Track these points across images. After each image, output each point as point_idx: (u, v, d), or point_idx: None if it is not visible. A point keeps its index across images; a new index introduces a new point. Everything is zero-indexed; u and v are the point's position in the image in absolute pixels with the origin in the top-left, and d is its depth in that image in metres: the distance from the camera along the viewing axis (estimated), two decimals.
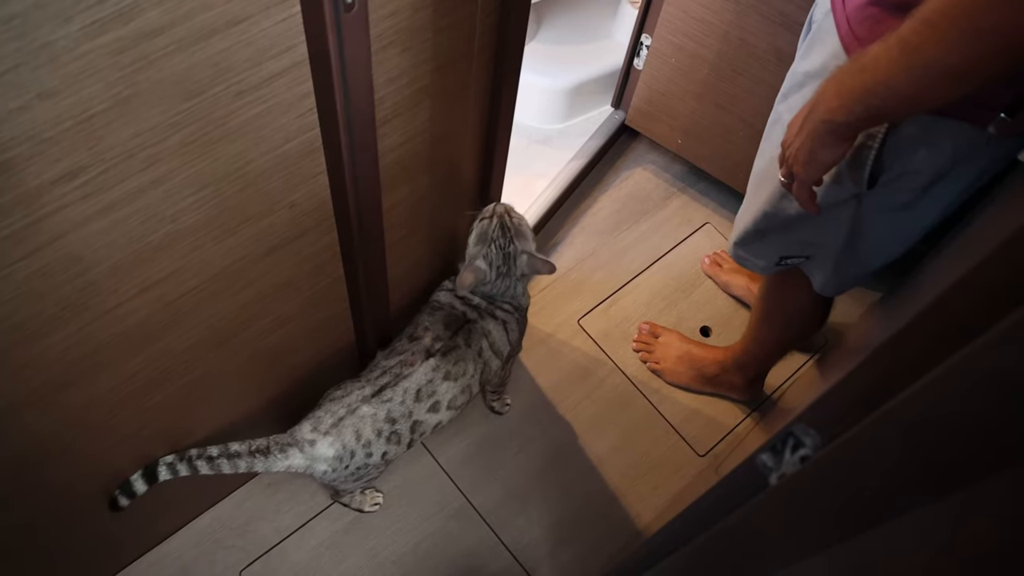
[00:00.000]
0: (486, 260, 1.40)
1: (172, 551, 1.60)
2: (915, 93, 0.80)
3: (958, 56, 0.74)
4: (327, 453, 1.32)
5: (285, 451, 1.31)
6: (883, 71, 0.81)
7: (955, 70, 0.75)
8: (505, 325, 1.48)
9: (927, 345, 0.52)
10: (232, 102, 0.86)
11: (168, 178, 0.88)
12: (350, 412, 1.33)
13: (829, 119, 0.90)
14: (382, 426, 1.34)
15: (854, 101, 0.86)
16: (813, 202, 1.03)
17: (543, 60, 2.10)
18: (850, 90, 0.86)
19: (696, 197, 2.17)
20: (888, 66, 0.81)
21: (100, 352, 1.02)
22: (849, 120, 0.88)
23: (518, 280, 1.45)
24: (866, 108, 0.86)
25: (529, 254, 1.42)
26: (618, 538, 1.71)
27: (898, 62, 0.79)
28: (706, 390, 1.88)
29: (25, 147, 0.72)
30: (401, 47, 0.98)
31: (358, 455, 1.34)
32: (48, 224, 0.81)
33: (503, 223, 1.39)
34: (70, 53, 0.69)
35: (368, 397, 1.33)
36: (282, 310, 1.26)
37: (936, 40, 0.75)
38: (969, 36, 0.72)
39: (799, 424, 0.68)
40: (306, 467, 1.34)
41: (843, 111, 0.88)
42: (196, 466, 1.28)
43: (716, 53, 1.80)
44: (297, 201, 1.07)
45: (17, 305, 0.86)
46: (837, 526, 0.61)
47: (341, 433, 1.32)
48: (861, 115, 0.87)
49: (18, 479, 1.11)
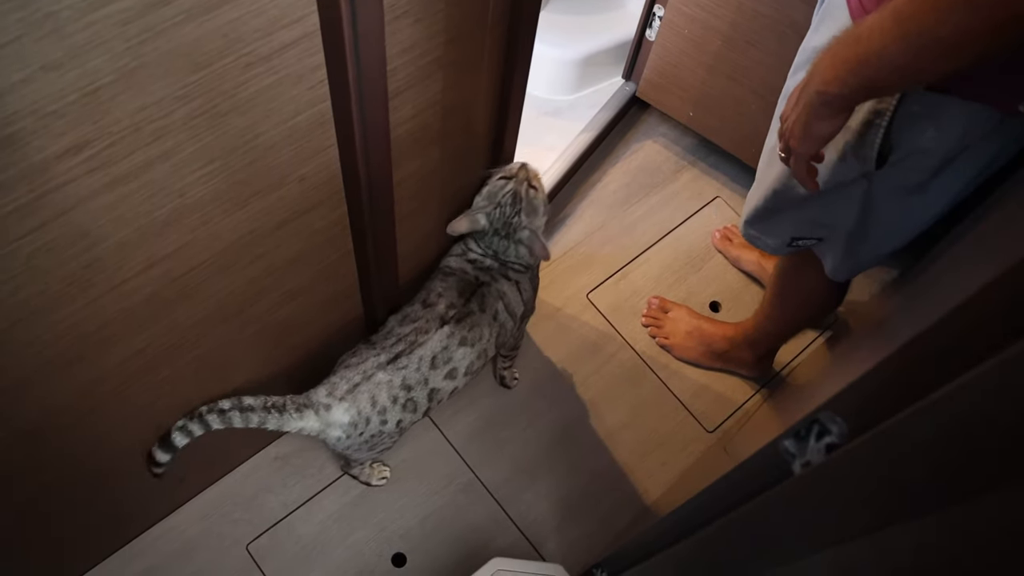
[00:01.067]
0: (488, 218, 1.41)
1: (178, 525, 1.60)
2: (907, 63, 0.79)
3: (949, 27, 0.73)
4: (342, 419, 1.31)
5: (301, 411, 1.30)
6: (877, 41, 0.80)
7: (945, 42, 0.74)
8: (518, 285, 1.48)
9: (965, 340, 0.51)
10: (241, 74, 0.83)
11: (176, 152, 0.86)
12: (365, 379, 1.31)
13: (824, 90, 0.88)
14: (398, 393, 1.33)
15: (848, 72, 0.84)
16: (812, 178, 1.01)
17: (553, 30, 2.06)
18: (844, 61, 0.84)
19: (706, 171, 2.14)
20: (881, 36, 0.79)
21: (108, 327, 1.00)
22: (843, 92, 0.86)
23: (516, 244, 1.45)
24: (860, 79, 0.84)
25: (532, 231, 1.43)
26: (626, 514, 1.71)
27: (891, 32, 0.78)
28: (715, 366, 1.86)
29: (29, 120, 0.70)
30: (414, 17, 0.95)
31: (373, 422, 1.33)
32: (53, 199, 0.79)
33: (517, 193, 1.39)
34: (75, 23, 0.66)
35: (383, 364, 1.32)
36: (291, 284, 1.24)
37: (927, 9, 0.74)
38: (959, 6, 0.71)
39: (825, 411, 0.66)
40: (319, 431, 1.33)
41: (837, 83, 0.86)
42: (207, 421, 1.27)
43: (729, 24, 1.76)
44: (307, 175, 1.05)
45: (23, 281, 0.85)
46: (862, 518, 0.60)
47: (356, 399, 1.31)
48: (855, 87, 0.85)
49: (29, 454, 1.10)
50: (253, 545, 1.60)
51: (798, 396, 1.39)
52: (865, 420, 0.60)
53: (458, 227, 1.42)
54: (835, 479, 0.61)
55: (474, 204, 1.44)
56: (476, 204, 1.43)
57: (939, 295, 0.73)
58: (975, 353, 0.48)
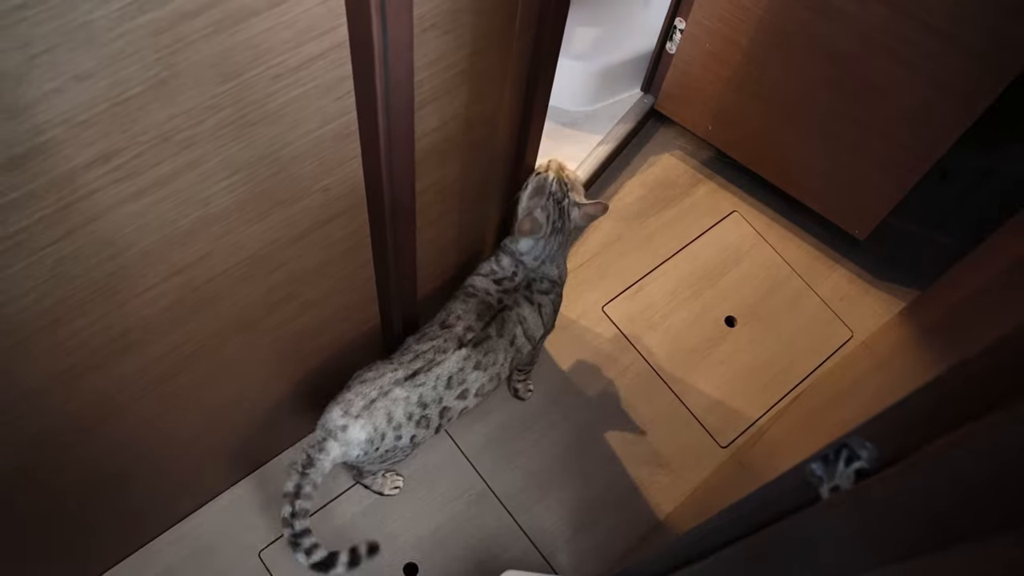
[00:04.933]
0: (544, 211, 1.41)
1: (191, 530, 1.60)
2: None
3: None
4: (359, 436, 1.30)
5: (323, 447, 1.29)
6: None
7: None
8: (540, 308, 1.47)
9: (1003, 372, 0.50)
10: (270, 85, 0.83)
11: (202, 161, 0.86)
12: (382, 394, 1.31)
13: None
14: (413, 409, 1.33)
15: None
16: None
17: (574, 42, 2.06)
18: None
19: (724, 184, 2.13)
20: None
21: (130, 334, 1.00)
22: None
23: (567, 239, 1.46)
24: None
25: (580, 206, 1.44)
26: (637, 528, 1.70)
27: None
28: None
29: (59, 130, 0.70)
30: (442, 30, 0.95)
31: (388, 437, 1.33)
32: (80, 208, 0.79)
33: (560, 178, 1.42)
34: (108, 33, 0.66)
35: (401, 380, 1.32)
36: (309, 294, 1.24)
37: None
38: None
39: (855, 436, 0.65)
40: (343, 454, 1.32)
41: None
42: (295, 525, 1.29)
43: (750, 39, 1.76)
44: (330, 185, 1.05)
45: (48, 289, 0.85)
46: (891, 547, 0.59)
47: (373, 415, 1.30)
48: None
49: (49, 456, 1.10)
50: (266, 552, 1.60)
51: (812, 417, 1.38)
52: (897, 447, 0.60)
53: (524, 228, 1.40)
54: (865, 506, 0.60)
55: (522, 208, 1.43)
56: (526, 205, 1.43)
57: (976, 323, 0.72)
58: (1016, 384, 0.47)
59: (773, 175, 1.99)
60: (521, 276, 1.45)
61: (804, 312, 1.99)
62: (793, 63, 1.72)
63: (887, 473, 0.55)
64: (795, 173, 1.93)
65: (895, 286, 2.03)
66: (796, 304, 2.00)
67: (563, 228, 1.44)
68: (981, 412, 0.49)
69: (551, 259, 1.46)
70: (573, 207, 1.43)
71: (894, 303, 2.00)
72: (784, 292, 2.01)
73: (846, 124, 1.74)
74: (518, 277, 1.45)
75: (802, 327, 1.97)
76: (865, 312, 2.00)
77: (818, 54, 1.66)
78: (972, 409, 0.51)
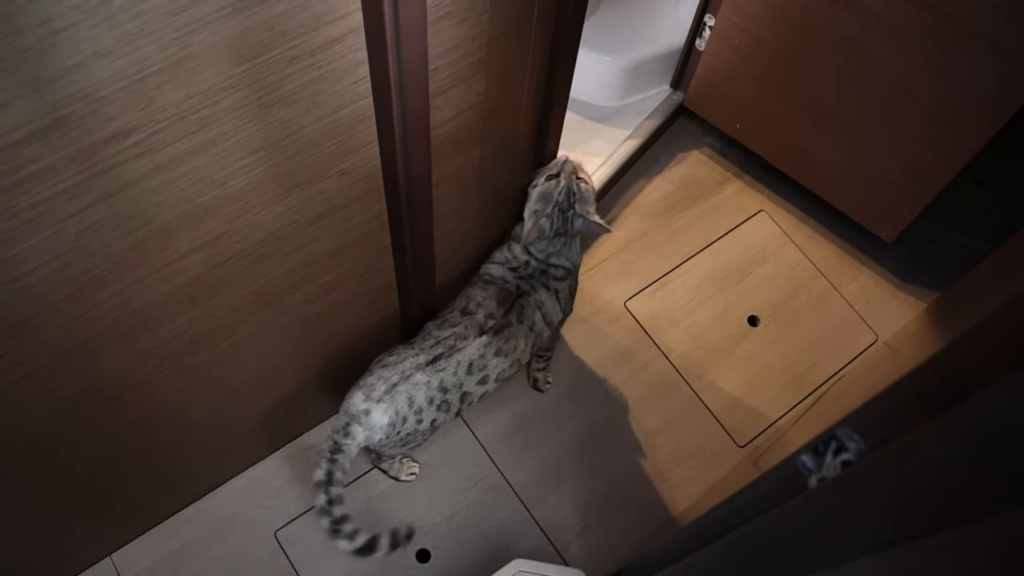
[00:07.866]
0: (548, 220, 1.43)
1: (209, 508, 1.64)
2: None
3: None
4: (381, 421, 1.33)
5: (348, 432, 1.32)
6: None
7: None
8: (557, 294, 1.49)
9: (985, 356, 0.50)
10: (286, 67, 0.86)
11: (219, 141, 0.88)
12: (404, 379, 1.33)
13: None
14: (434, 394, 1.35)
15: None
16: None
17: (603, 37, 2.06)
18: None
19: (751, 183, 2.12)
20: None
21: (149, 308, 1.03)
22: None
23: (572, 238, 1.47)
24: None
25: (584, 218, 1.44)
26: (650, 523, 1.70)
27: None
28: None
29: (80, 105, 0.73)
30: (458, 18, 0.97)
31: (409, 421, 1.35)
32: (101, 181, 0.82)
33: (570, 188, 1.42)
34: (127, 12, 0.69)
35: (423, 365, 1.34)
36: (328, 278, 1.27)
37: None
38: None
39: (843, 428, 0.66)
40: (366, 439, 1.34)
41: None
42: (334, 511, 1.31)
43: (780, 37, 1.75)
44: (347, 169, 1.07)
45: (70, 259, 0.88)
46: (878, 534, 0.60)
47: (395, 399, 1.32)
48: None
49: (70, 428, 1.14)
50: (281, 532, 1.63)
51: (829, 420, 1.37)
52: (882, 436, 0.60)
53: (530, 237, 1.43)
54: (849, 494, 0.61)
55: (528, 211, 1.44)
56: (532, 210, 1.44)
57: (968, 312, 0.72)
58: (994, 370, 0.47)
59: (800, 175, 1.97)
60: (534, 264, 1.47)
61: (828, 314, 1.98)
62: (822, 62, 1.70)
63: (864, 462, 0.55)
64: (822, 173, 1.92)
65: (923, 289, 2.01)
66: (821, 305, 1.98)
67: (567, 231, 1.45)
68: (961, 400, 0.49)
69: (557, 254, 1.48)
70: (577, 218, 1.44)
71: (921, 307, 1.98)
72: (809, 293, 1.99)
73: (874, 125, 1.72)
74: (532, 265, 1.47)
75: (826, 329, 1.95)
76: (891, 315, 1.98)
77: (847, 54, 1.64)
78: (953, 397, 0.51)
